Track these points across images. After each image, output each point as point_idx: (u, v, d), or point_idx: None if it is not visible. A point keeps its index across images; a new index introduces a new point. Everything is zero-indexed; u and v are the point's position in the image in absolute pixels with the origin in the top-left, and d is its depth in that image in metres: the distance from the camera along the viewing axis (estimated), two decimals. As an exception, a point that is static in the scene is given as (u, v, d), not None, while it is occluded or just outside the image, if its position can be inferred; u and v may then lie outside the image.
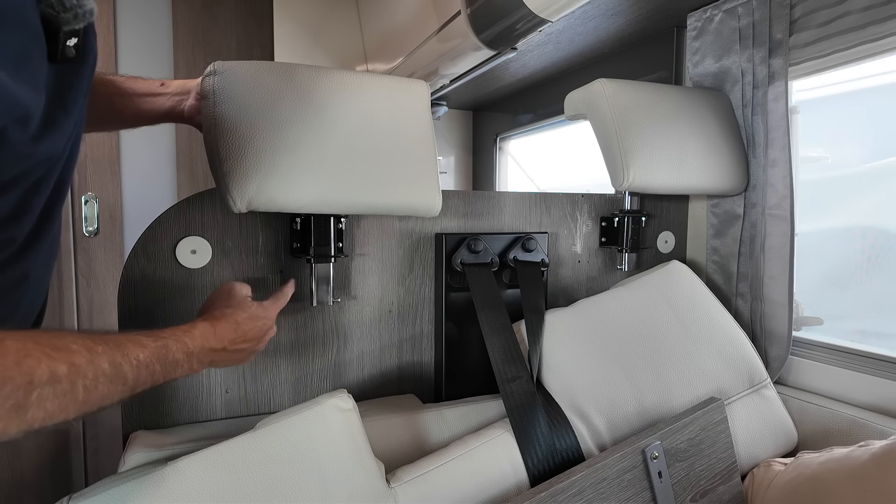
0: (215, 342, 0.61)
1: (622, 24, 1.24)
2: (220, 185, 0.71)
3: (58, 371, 0.40)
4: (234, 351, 0.64)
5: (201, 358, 0.59)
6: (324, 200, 0.76)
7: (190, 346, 0.57)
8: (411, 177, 0.81)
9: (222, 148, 0.70)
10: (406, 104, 0.83)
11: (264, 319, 0.68)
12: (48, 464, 1.67)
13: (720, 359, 0.95)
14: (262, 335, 0.68)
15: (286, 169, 0.72)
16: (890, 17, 0.85)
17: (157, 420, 0.81)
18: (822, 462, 0.78)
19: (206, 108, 0.71)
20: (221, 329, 0.62)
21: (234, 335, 0.63)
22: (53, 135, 0.48)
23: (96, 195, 1.71)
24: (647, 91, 1.03)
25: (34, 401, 0.39)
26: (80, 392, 0.43)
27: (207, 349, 0.60)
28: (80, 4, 0.45)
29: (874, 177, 1.15)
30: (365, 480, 0.68)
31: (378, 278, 0.94)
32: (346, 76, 0.80)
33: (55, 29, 0.44)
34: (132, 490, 0.59)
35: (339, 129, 0.76)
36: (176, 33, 1.78)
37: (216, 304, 0.67)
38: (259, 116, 0.72)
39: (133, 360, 0.48)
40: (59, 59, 0.46)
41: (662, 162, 0.99)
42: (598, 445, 0.85)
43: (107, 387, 0.45)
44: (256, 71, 0.74)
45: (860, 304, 1.11)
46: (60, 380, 0.41)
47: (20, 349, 0.39)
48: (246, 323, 0.65)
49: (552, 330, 0.94)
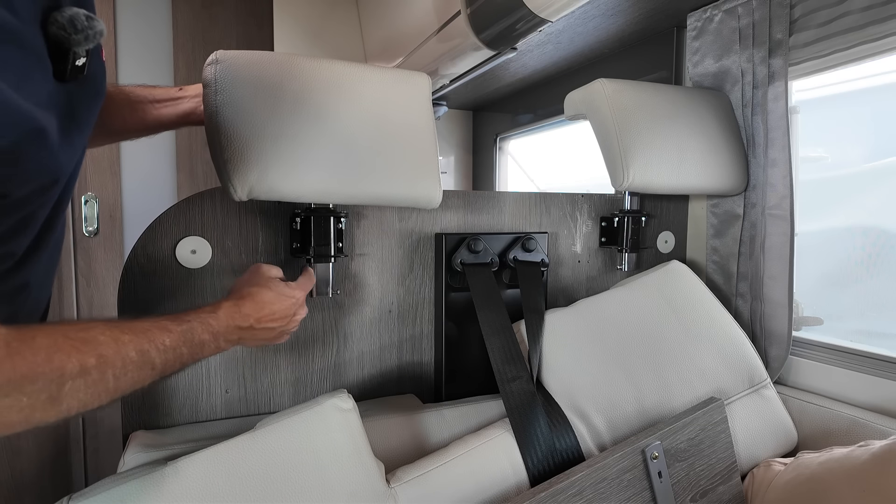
0: (241, 320, 0.62)
1: (622, 24, 1.24)
2: (221, 173, 0.70)
3: (87, 363, 0.43)
4: (263, 329, 0.65)
5: (228, 336, 0.61)
6: (324, 190, 0.75)
7: (215, 327, 0.58)
8: (412, 168, 0.81)
9: (223, 136, 0.69)
10: (407, 96, 0.83)
11: (292, 299, 0.69)
12: (48, 464, 1.68)
13: (720, 359, 0.95)
14: (290, 314, 0.69)
15: (287, 157, 0.72)
16: (890, 17, 0.85)
17: (157, 420, 0.81)
18: (821, 462, 0.78)
19: (208, 96, 0.70)
20: (247, 307, 0.63)
21: (260, 313, 0.64)
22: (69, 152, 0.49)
23: (96, 195, 1.71)
24: (647, 91, 1.03)
25: (67, 392, 0.41)
26: (111, 381, 0.45)
27: (234, 327, 0.61)
28: (91, 26, 0.45)
29: (874, 177, 1.15)
30: (365, 480, 0.68)
31: (378, 278, 0.94)
32: (348, 67, 0.79)
33: (66, 49, 0.45)
34: (132, 490, 0.59)
35: (341, 119, 0.76)
36: (176, 33, 1.78)
37: (244, 284, 0.68)
38: (260, 105, 0.72)
39: (160, 345, 0.50)
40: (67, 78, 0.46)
41: (662, 162, 0.99)
42: (598, 445, 0.85)
43: (136, 374, 0.48)
44: (258, 60, 0.74)
45: (860, 303, 1.11)
46: (90, 371, 0.43)
47: (51, 345, 0.41)
48: (274, 302, 0.66)
49: (552, 330, 0.94)
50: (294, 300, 0.69)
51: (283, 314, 0.67)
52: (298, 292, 0.71)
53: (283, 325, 0.68)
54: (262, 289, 0.66)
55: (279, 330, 0.68)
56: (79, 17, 0.44)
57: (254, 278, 0.69)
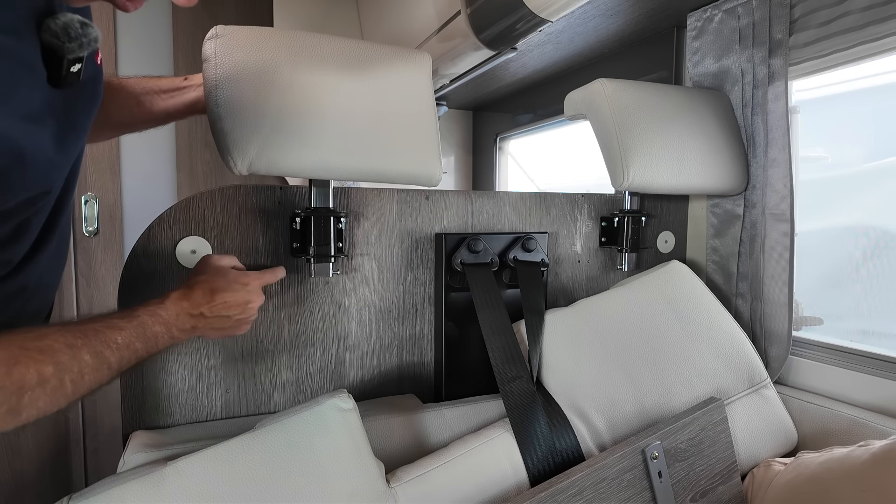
0: (191, 308, 0.62)
1: (622, 24, 1.24)
2: (221, 147, 0.70)
3: (45, 373, 0.43)
4: (217, 318, 0.65)
5: (180, 325, 0.61)
6: (324, 165, 0.75)
7: (164, 316, 0.59)
8: (412, 144, 0.80)
9: (223, 109, 0.69)
10: (408, 73, 0.83)
11: (246, 287, 0.68)
12: (48, 464, 1.67)
13: (720, 359, 0.95)
14: (244, 302, 0.68)
15: (287, 131, 0.71)
16: (890, 17, 0.85)
17: (157, 420, 0.81)
18: (821, 462, 0.78)
19: (208, 70, 0.70)
20: (196, 295, 0.63)
21: (211, 301, 0.64)
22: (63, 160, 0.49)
23: (96, 195, 1.71)
24: (647, 91, 1.03)
25: (27, 402, 0.42)
26: (69, 386, 0.46)
27: (185, 315, 0.61)
28: (86, 33, 0.45)
29: (874, 177, 1.15)
30: (365, 480, 0.68)
31: (378, 278, 0.94)
32: (349, 43, 0.79)
33: (60, 56, 0.45)
34: (132, 490, 0.59)
35: (341, 94, 0.76)
36: (176, 33, 1.78)
37: (195, 274, 0.68)
38: (260, 79, 0.71)
39: (113, 344, 0.51)
40: (64, 83, 0.46)
41: (662, 162, 0.99)
42: (598, 445, 0.85)
43: (92, 376, 0.48)
44: (258, 35, 0.73)
45: (860, 303, 1.11)
46: (49, 379, 0.44)
47: (8, 358, 0.41)
48: (225, 289, 0.66)
49: (552, 330, 0.94)
50: (246, 289, 0.68)
51: (236, 302, 0.67)
52: (253, 281, 0.70)
53: (238, 312, 0.67)
54: (213, 276, 0.66)
55: (235, 318, 0.67)
56: (73, 24, 0.44)
57: (204, 268, 0.69)
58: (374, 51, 0.81)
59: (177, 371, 0.81)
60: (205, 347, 0.83)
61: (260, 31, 0.74)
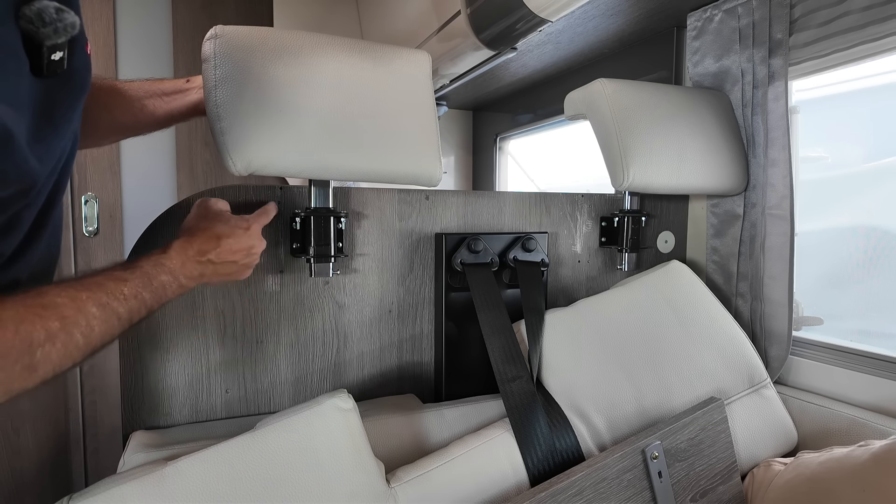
0: (197, 255, 0.62)
1: (622, 24, 1.24)
2: (220, 147, 0.70)
3: (52, 328, 0.44)
4: (224, 263, 0.65)
5: (188, 273, 0.61)
6: (324, 165, 0.75)
7: (170, 266, 0.59)
8: (412, 144, 0.80)
9: (223, 109, 0.69)
10: (407, 72, 0.83)
11: (248, 231, 0.69)
12: (48, 464, 1.67)
13: (720, 359, 0.95)
14: (248, 246, 0.68)
15: (286, 132, 0.71)
16: (890, 17, 0.85)
17: (157, 420, 0.81)
18: (821, 462, 0.78)
19: (207, 70, 0.70)
20: (200, 242, 0.63)
21: (217, 247, 0.64)
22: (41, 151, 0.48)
23: (96, 195, 1.71)
24: (647, 91, 1.03)
25: (40, 359, 0.43)
26: (80, 339, 0.46)
27: (193, 262, 0.61)
28: (60, 18, 0.44)
29: (874, 177, 1.15)
30: (365, 480, 0.68)
31: (378, 278, 0.94)
32: (348, 43, 0.79)
33: (38, 44, 0.44)
34: (132, 490, 0.59)
35: (340, 94, 0.76)
36: (176, 34, 1.78)
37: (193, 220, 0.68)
38: (259, 79, 0.71)
39: (119, 296, 0.51)
40: (45, 73, 0.46)
41: (662, 162, 0.99)
42: (598, 445, 0.85)
43: (102, 327, 0.49)
44: (257, 35, 0.73)
45: (860, 303, 1.11)
46: (57, 334, 0.44)
47: (14, 317, 0.42)
48: (230, 235, 0.66)
49: (552, 330, 0.94)
50: (249, 233, 0.69)
51: (241, 247, 0.67)
52: (254, 225, 0.70)
53: (242, 258, 0.67)
54: (214, 222, 0.66)
55: (241, 263, 0.68)
56: (47, 10, 0.43)
57: (203, 213, 0.68)
58: (373, 51, 0.80)
59: (177, 371, 0.82)
60: (205, 347, 0.83)
61: (259, 31, 0.74)
